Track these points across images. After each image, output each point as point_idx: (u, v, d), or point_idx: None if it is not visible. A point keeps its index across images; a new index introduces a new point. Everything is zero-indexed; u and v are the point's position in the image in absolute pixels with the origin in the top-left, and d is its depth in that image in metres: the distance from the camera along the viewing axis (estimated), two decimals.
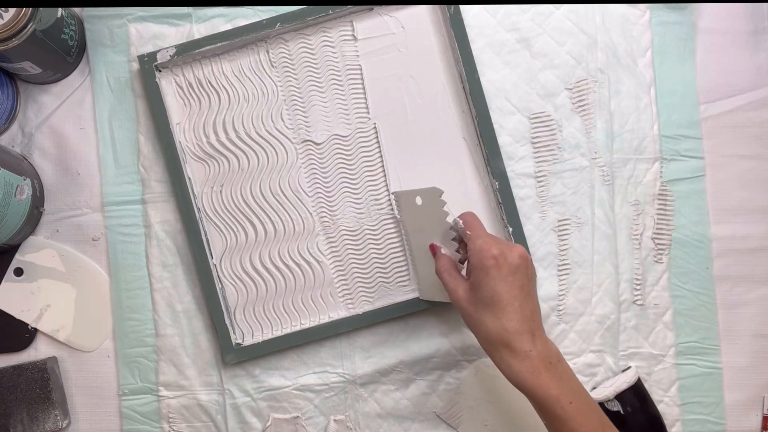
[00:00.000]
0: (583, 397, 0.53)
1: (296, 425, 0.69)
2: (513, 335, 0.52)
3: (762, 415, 0.69)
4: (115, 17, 0.70)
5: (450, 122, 0.70)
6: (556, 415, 0.52)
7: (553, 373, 0.52)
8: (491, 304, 0.53)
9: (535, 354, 0.52)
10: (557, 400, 0.51)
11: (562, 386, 0.52)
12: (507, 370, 0.53)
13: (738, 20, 0.71)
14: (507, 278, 0.53)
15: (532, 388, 0.52)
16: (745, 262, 0.70)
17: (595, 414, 0.53)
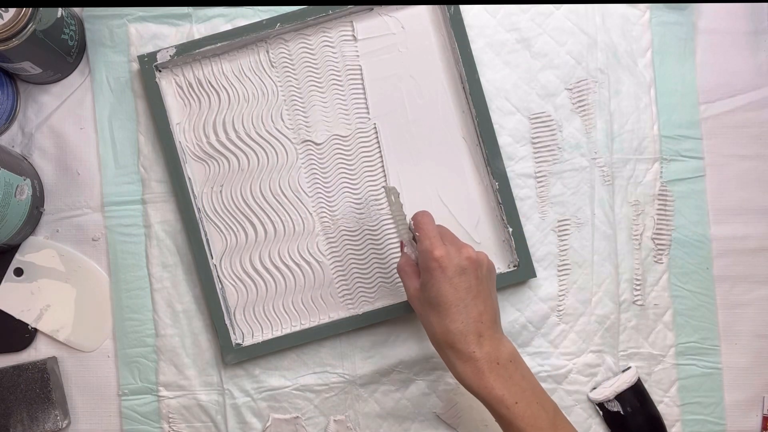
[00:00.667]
0: (534, 397, 0.53)
1: (296, 425, 0.69)
2: (457, 336, 0.53)
3: (762, 415, 0.69)
4: (115, 17, 0.71)
5: (450, 122, 0.70)
6: (501, 415, 0.53)
7: (498, 374, 0.53)
8: (436, 305, 0.54)
9: (479, 355, 0.53)
10: (501, 401, 0.52)
11: (508, 387, 0.53)
12: (452, 370, 0.54)
13: (738, 20, 0.71)
14: (452, 280, 0.54)
15: (476, 389, 0.53)
16: (745, 262, 0.70)
17: (545, 414, 0.53)
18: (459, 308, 0.54)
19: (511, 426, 0.52)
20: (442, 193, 0.69)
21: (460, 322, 0.53)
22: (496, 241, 0.69)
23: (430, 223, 0.58)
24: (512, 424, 0.52)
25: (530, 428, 0.52)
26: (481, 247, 0.69)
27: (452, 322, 0.53)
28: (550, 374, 0.68)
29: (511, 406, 0.52)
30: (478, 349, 0.53)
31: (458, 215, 0.69)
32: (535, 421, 0.52)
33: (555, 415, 0.54)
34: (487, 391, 0.52)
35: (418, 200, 0.69)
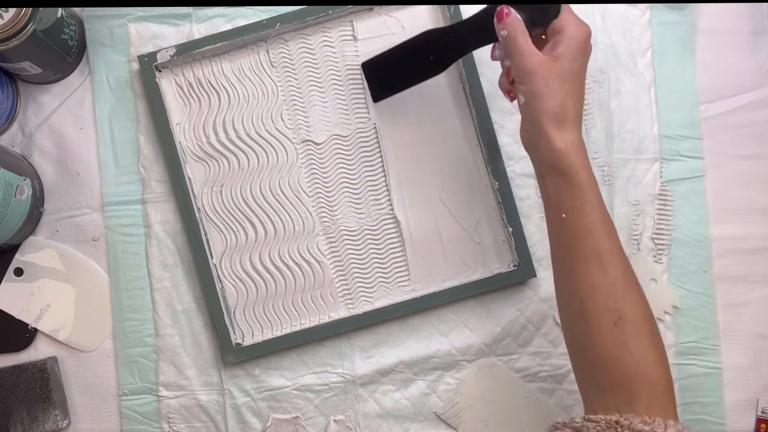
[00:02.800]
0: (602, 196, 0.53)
1: (296, 425, 0.69)
2: (576, 115, 0.53)
3: (756, 417, 0.69)
4: (115, 17, 0.71)
5: (450, 122, 0.70)
6: (588, 201, 0.52)
7: (586, 158, 0.53)
8: (572, 79, 0.52)
9: (582, 139, 0.53)
10: (593, 186, 0.52)
11: (594, 176, 0.53)
12: (562, 147, 0.52)
13: (738, 20, 0.71)
14: (586, 60, 0.53)
15: (580, 168, 0.52)
16: (745, 262, 0.70)
17: (609, 216, 0.53)
18: (583, 88, 0.53)
19: (591, 214, 0.52)
20: (442, 193, 0.69)
21: (580, 102, 0.53)
22: (496, 241, 0.69)
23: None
24: (592, 213, 0.52)
25: (605, 223, 0.52)
26: (481, 246, 0.69)
27: (575, 98, 0.52)
28: (550, 374, 0.68)
29: (597, 195, 0.52)
30: (581, 131, 0.53)
31: (458, 215, 0.69)
32: (609, 218, 0.52)
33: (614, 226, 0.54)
34: (587, 173, 0.52)
35: (418, 200, 0.69)
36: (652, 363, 0.49)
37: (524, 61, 0.53)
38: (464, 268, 0.69)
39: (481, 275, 0.68)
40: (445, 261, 0.69)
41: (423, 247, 0.69)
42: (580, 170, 0.52)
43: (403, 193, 0.69)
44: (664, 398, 0.49)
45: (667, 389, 0.49)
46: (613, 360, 0.49)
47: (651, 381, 0.49)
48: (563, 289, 0.54)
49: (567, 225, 0.52)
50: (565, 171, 0.52)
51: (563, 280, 0.54)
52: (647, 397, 0.48)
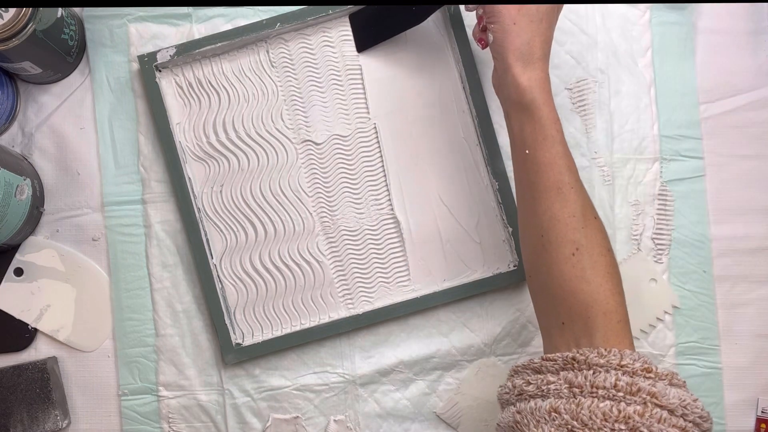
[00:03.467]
0: (563, 133, 0.55)
1: (296, 425, 0.69)
2: (543, 54, 0.55)
3: (756, 417, 0.69)
4: (115, 17, 0.71)
5: (450, 122, 0.70)
6: (549, 136, 0.53)
7: (552, 98, 0.55)
8: (539, 20, 0.54)
9: (548, 78, 0.55)
10: (556, 122, 0.54)
11: (557, 114, 0.55)
12: (526, 83, 0.54)
13: (738, 20, 0.71)
14: (556, 10, 0.56)
15: (542, 104, 0.54)
16: (745, 262, 0.70)
17: (569, 152, 0.55)
18: (551, 30, 0.56)
19: (552, 149, 0.53)
20: (442, 193, 0.69)
21: (548, 42, 0.55)
22: (496, 241, 0.69)
23: None
24: (554, 147, 0.53)
25: (566, 157, 0.53)
26: (481, 246, 0.69)
27: (542, 37, 0.55)
28: None
29: (560, 131, 0.54)
30: (548, 69, 0.55)
31: (458, 215, 0.69)
32: (569, 153, 0.54)
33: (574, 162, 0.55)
34: (549, 109, 0.54)
35: (418, 200, 0.69)
36: (608, 292, 0.50)
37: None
38: (464, 268, 0.69)
39: (481, 275, 0.68)
40: (445, 261, 0.69)
41: (423, 247, 0.69)
42: (543, 105, 0.54)
43: (403, 193, 0.69)
44: (620, 327, 0.50)
45: (623, 319, 0.50)
46: (571, 291, 0.51)
47: (607, 311, 0.50)
48: (525, 224, 0.55)
49: (530, 160, 0.54)
50: (528, 106, 0.54)
51: (525, 214, 0.55)
52: (603, 327, 0.49)
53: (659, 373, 0.47)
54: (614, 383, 0.46)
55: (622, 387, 0.45)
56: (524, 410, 0.49)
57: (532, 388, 0.49)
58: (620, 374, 0.46)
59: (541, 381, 0.49)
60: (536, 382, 0.49)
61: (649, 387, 0.45)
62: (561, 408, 0.46)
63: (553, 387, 0.48)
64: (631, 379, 0.46)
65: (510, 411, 0.51)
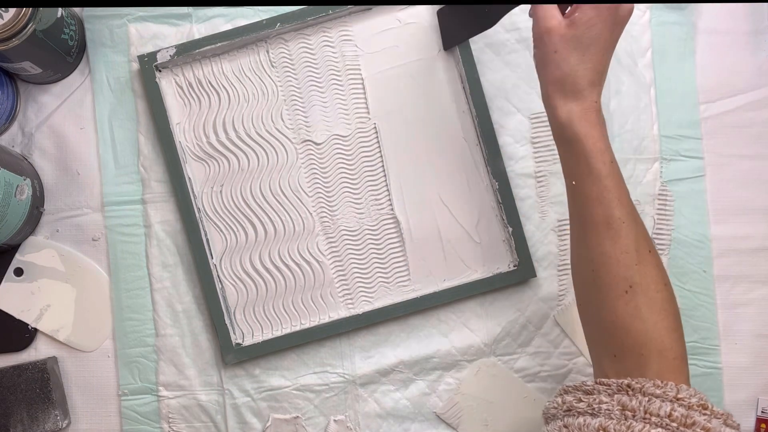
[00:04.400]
0: (617, 164, 0.51)
1: (296, 425, 0.69)
2: (588, 83, 0.51)
3: (756, 417, 0.69)
4: (115, 17, 0.71)
5: (450, 122, 0.70)
6: (594, 170, 0.50)
7: (603, 130, 0.51)
8: (587, 46, 0.50)
9: (597, 106, 0.51)
10: (601, 154, 0.50)
11: (607, 144, 0.51)
12: (565, 116, 0.51)
13: (738, 20, 0.71)
14: (615, 26, 0.50)
15: (584, 137, 0.50)
16: (745, 262, 0.70)
17: (624, 183, 0.51)
18: (606, 57, 0.51)
19: (600, 182, 0.50)
20: (442, 193, 0.69)
21: (599, 72, 0.51)
22: (496, 241, 0.69)
23: None
24: (601, 181, 0.50)
25: (614, 190, 0.50)
26: (481, 246, 0.69)
27: (594, 68, 0.50)
28: (550, 374, 0.68)
29: (608, 163, 0.50)
30: (597, 100, 0.51)
31: (458, 215, 0.69)
32: (620, 185, 0.51)
33: (628, 194, 0.52)
34: (593, 141, 0.50)
35: (418, 200, 0.69)
36: (663, 330, 0.48)
37: (537, 23, 0.52)
38: (464, 268, 0.69)
39: (481, 275, 0.68)
40: (445, 261, 0.69)
41: (423, 247, 0.69)
42: (585, 139, 0.50)
43: (403, 193, 0.69)
44: (676, 364, 0.48)
45: (679, 355, 0.49)
46: (624, 328, 0.49)
47: (662, 348, 0.48)
48: (576, 256, 0.53)
49: (577, 192, 0.52)
50: (569, 140, 0.51)
51: (576, 247, 0.53)
52: (658, 363, 0.48)
53: (715, 411, 0.45)
54: (669, 413, 0.44)
55: (677, 418, 0.44)
56: (572, 425, 0.47)
57: (582, 405, 0.48)
58: (676, 405, 0.45)
59: (593, 400, 0.48)
60: (587, 400, 0.48)
61: (704, 422, 0.44)
62: (611, 428, 0.45)
63: (605, 407, 0.46)
64: (686, 411, 0.44)
65: (556, 425, 0.49)
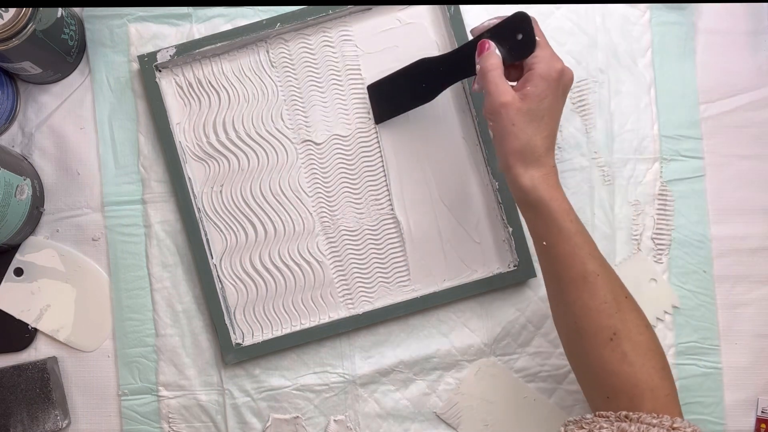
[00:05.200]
0: (580, 221, 0.54)
1: (296, 425, 0.69)
2: (545, 150, 0.53)
3: (756, 417, 0.69)
4: (115, 17, 0.71)
5: (450, 122, 0.70)
6: (564, 229, 0.52)
7: (562, 191, 0.54)
8: (541, 117, 0.53)
9: (555, 170, 0.54)
10: (567, 213, 0.53)
11: (569, 204, 0.54)
12: (528, 183, 0.53)
13: (738, 20, 0.71)
14: (563, 95, 0.54)
15: (549, 200, 0.53)
16: (745, 262, 0.70)
17: (590, 236, 0.54)
18: (555, 123, 0.54)
19: (570, 240, 0.52)
20: (442, 193, 0.69)
21: (552, 138, 0.54)
22: (496, 241, 0.69)
23: (537, 24, 0.55)
24: (571, 239, 0.52)
25: (585, 246, 0.52)
26: (481, 247, 0.69)
27: (548, 136, 0.53)
28: (550, 374, 0.68)
29: (574, 220, 0.53)
30: (553, 161, 0.54)
31: (458, 215, 0.69)
32: (587, 240, 0.53)
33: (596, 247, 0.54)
34: (557, 203, 0.53)
35: (418, 200, 0.69)
36: (652, 370, 0.50)
37: (492, 98, 0.54)
38: (464, 268, 0.69)
39: (481, 275, 0.68)
40: (445, 261, 0.69)
41: (423, 247, 0.69)
42: (550, 202, 0.53)
43: (403, 193, 0.69)
44: (668, 401, 0.50)
45: (670, 393, 0.50)
46: (613, 372, 0.50)
47: (653, 387, 0.50)
48: (556, 309, 0.55)
49: (549, 252, 0.54)
50: (535, 204, 0.53)
51: (555, 301, 0.55)
52: (651, 402, 0.49)
53: None
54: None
55: None
56: None
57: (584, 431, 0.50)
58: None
59: (594, 426, 0.49)
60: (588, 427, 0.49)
61: None
62: None
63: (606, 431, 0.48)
64: None
65: None
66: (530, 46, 0.54)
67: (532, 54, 0.54)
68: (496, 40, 0.56)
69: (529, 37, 0.54)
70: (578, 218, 0.53)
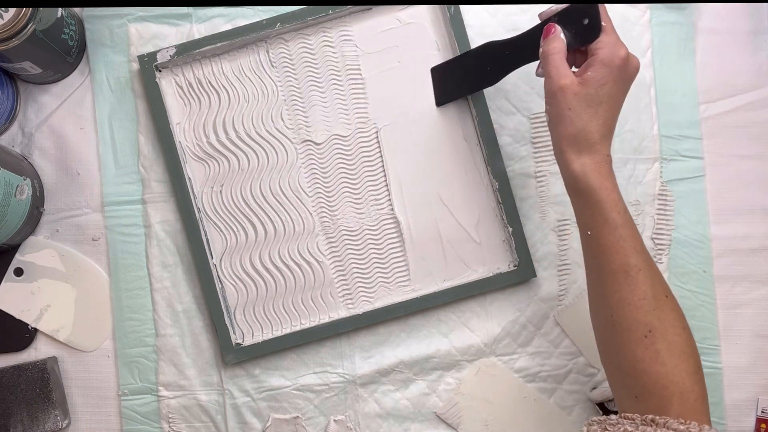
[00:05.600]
0: (629, 213, 0.53)
1: (296, 425, 0.69)
2: (600, 137, 0.52)
3: (756, 417, 0.69)
4: (115, 17, 0.71)
5: (450, 122, 0.70)
6: (610, 220, 0.51)
7: (615, 181, 0.53)
8: (599, 103, 0.52)
9: (609, 159, 0.53)
10: (616, 205, 0.52)
11: (620, 195, 0.53)
12: (579, 169, 0.52)
13: (738, 20, 0.71)
14: (625, 83, 0.53)
15: (598, 189, 0.52)
16: (745, 262, 0.70)
17: (637, 230, 0.53)
18: (615, 111, 0.53)
19: (615, 232, 0.51)
20: (442, 193, 0.69)
21: (609, 126, 0.53)
22: (496, 241, 0.69)
23: (606, 10, 0.53)
24: (616, 231, 0.51)
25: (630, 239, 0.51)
26: (481, 247, 0.69)
27: (605, 123, 0.52)
28: (550, 374, 0.68)
29: (623, 213, 0.52)
30: (609, 152, 0.53)
31: (458, 215, 0.69)
32: (635, 234, 0.52)
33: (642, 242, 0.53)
34: (607, 193, 0.52)
35: (418, 200, 0.69)
36: (684, 373, 0.50)
37: (550, 81, 0.53)
38: (464, 268, 0.69)
39: (481, 275, 0.68)
40: (445, 261, 0.69)
41: (423, 247, 0.69)
42: (599, 191, 0.52)
43: (403, 193, 0.69)
44: (697, 406, 0.49)
45: (700, 397, 0.50)
46: (645, 371, 0.50)
47: (684, 390, 0.49)
48: (594, 301, 0.55)
49: (593, 241, 0.53)
50: (584, 192, 0.53)
51: (594, 292, 0.54)
52: (680, 405, 0.49)
53: None
54: None
55: None
56: None
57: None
58: None
59: (618, 429, 0.49)
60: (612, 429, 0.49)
61: None
62: None
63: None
64: None
65: None
66: (596, 31, 0.53)
67: (597, 39, 0.53)
68: (562, 24, 0.55)
69: (595, 23, 0.53)
70: (627, 210, 0.52)
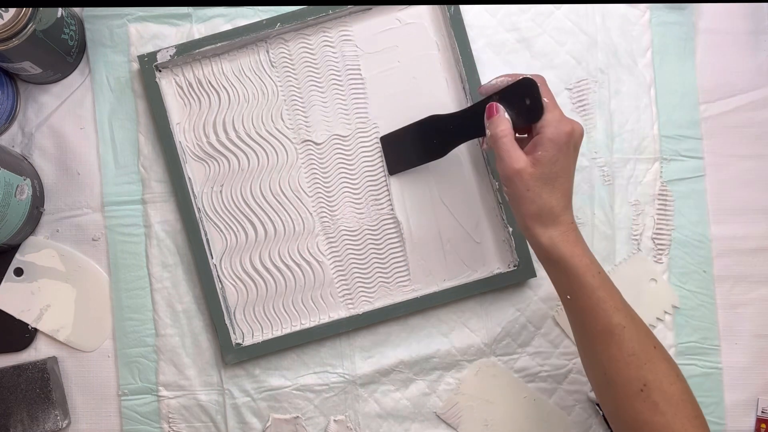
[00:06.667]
0: (605, 273, 0.54)
1: (296, 425, 0.69)
2: (562, 209, 0.54)
3: (756, 417, 0.69)
4: (115, 17, 0.71)
5: None
6: (586, 284, 0.53)
7: (584, 245, 0.54)
8: (555, 179, 0.53)
9: (573, 226, 0.54)
10: (589, 268, 0.53)
11: (591, 257, 0.54)
12: (548, 242, 0.53)
13: (738, 20, 0.71)
14: (575, 152, 0.54)
15: (570, 257, 0.53)
16: (745, 262, 0.70)
17: (615, 288, 0.54)
18: (570, 181, 0.54)
19: (594, 294, 0.52)
20: (442, 193, 0.69)
21: (567, 197, 0.54)
22: (496, 241, 0.69)
23: (546, 85, 0.55)
24: (594, 293, 0.52)
25: (609, 299, 0.52)
26: (481, 247, 0.69)
27: (563, 196, 0.54)
28: (550, 374, 0.68)
29: (596, 275, 0.53)
30: (572, 220, 0.54)
31: (458, 215, 0.69)
32: (612, 292, 0.53)
33: (619, 293, 0.54)
34: (578, 259, 0.53)
35: (418, 200, 0.69)
36: (685, 419, 0.50)
37: (504, 166, 0.54)
38: (464, 268, 0.69)
39: (481, 275, 0.68)
40: (445, 261, 0.69)
41: (423, 247, 0.69)
42: (571, 258, 0.53)
43: (403, 193, 0.69)
44: None
45: None
46: (646, 422, 0.51)
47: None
48: (585, 360, 0.56)
49: (574, 305, 0.54)
50: (557, 261, 0.54)
51: (583, 352, 0.55)
52: None
53: None
54: None
55: None
56: None
57: None
58: None
59: None
60: None
61: None
62: None
63: None
64: None
65: None
66: (538, 111, 0.54)
67: (542, 118, 0.54)
68: (504, 102, 0.56)
69: (536, 103, 0.54)
70: (602, 270, 0.54)
